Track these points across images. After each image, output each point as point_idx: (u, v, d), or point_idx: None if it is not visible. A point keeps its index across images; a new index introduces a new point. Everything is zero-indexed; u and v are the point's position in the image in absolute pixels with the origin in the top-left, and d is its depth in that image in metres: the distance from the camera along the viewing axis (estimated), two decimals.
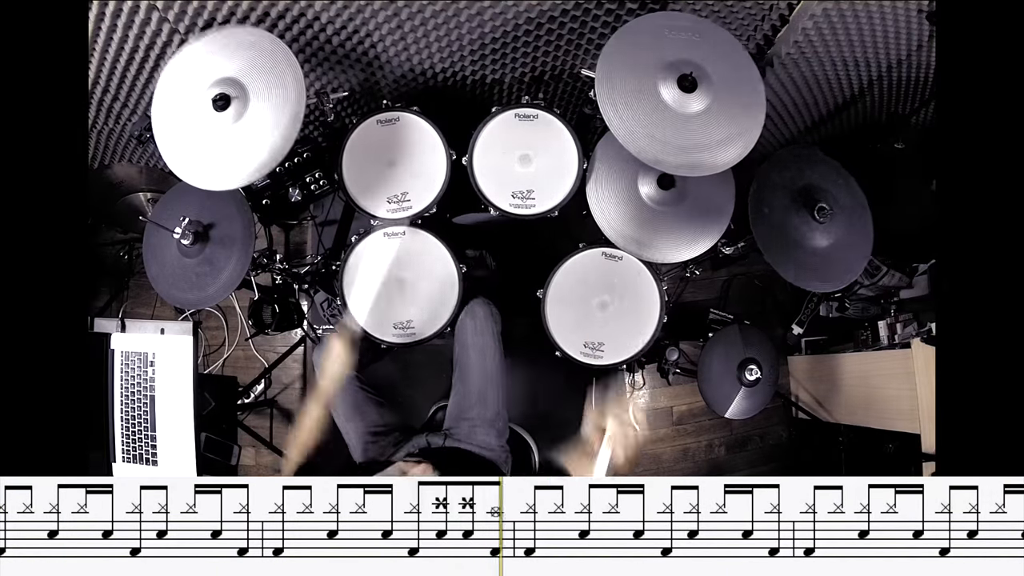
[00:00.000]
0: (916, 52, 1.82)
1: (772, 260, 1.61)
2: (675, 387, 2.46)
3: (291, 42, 1.64)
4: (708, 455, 2.51)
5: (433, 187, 1.69)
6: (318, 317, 2.30)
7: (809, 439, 2.43)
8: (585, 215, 1.72)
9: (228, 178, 1.40)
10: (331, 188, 1.84)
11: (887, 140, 2.10)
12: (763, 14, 1.71)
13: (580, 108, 1.97)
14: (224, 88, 1.39)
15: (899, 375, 1.91)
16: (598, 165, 1.70)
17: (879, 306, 2.28)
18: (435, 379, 2.21)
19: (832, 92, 2.00)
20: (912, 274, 2.20)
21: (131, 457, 1.66)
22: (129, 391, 1.66)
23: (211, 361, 2.47)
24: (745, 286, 2.56)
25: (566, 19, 1.65)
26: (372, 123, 1.73)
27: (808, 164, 1.72)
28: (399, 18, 1.60)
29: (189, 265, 1.63)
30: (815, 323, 2.41)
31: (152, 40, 1.60)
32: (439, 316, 1.69)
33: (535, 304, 1.71)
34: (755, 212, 1.63)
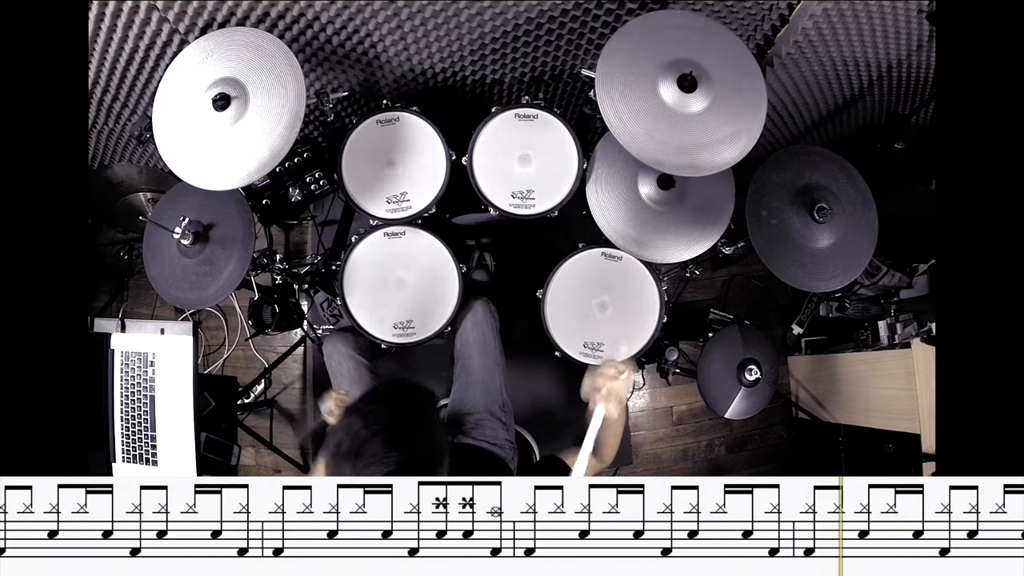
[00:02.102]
0: (916, 52, 1.82)
1: (772, 265, 1.61)
2: (675, 387, 2.46)
3: (291, 42, 1.64)
4: (708, 455, 2.51)
5: (433, 187, 1.69)
6: (318, 317, 2.30)
7: (809, 439, 2.43)
8: (585, 215, 1.72)
9: (228, 178, 1.40)
10: (331, 188, 1.84)
11: (887, 140, 2.10)
12: (763, 14, 1.71)
13: (580, 108, 1.97)
14: (224, 88, 1.39)
15: (899, 375, 1.91)
16: (598, 165, 1.70)
17: (879, 306, 2.28)
18: (435, 379, 2.21)
19: (832, 92, 2.00)
20: (912, 274, 2.20)
21: (131, 457, 1.66)
22: (129, 391, 1.66)
23: (211, 361, 2.47)
24: (745, 286, 2.56)
25: (566, 19, 1.65)
26: (372, 123, 1.73)
27: (808, 164, 1.72)
28: (399, 18, 1.60)
29: (189, 265, 1.63)
30: (815, 323, 2.41)
31: (152, 40, 1.60)
32: (439, 316, 1.69)
33: (535, 304, 1.71)
34: (753, 215, 1.63)
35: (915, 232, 2.06)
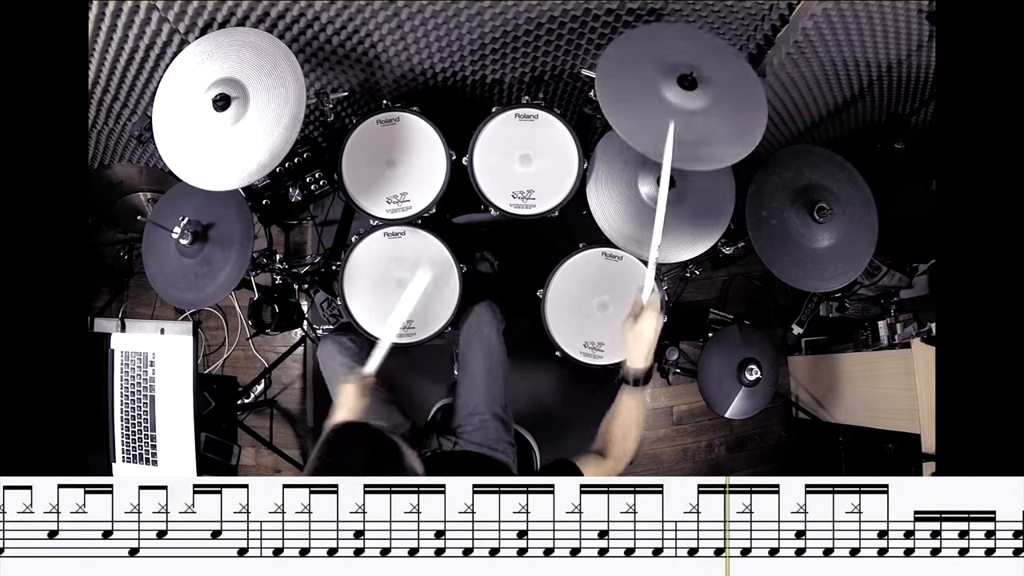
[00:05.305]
0: (916, 52, 1.82)
1: (772, 265, 1.61)
2: (675, 387, 2.46)
3: (291, 42, 1.63)
4: (708, 455, 2.51)
5: (433, 187, 1.69)
6: (318, 317, 2.30)
7: (809, 439, 2.43)
8: (585, 215, 1.72)
9: (228, 178, 1.40)
10: (331, 188, 1.84)
11: (887, 140, 2.10)
12: (763, 14, 1.71)
13: (580, 108, 1.97)
14: (224, 88, 1.39)
15: (899, 375, 1.91)
16: (598, 165, 1.70)
17: (879, 306, 2.28)
18: (435, 379, 2.21)
19: (832, 92, 2.00)
20: (912, 274, 2.20)
21: (131, 457, 1.66)
22: (129, 391, 1.66)
23: (211, 361, 2.47)
24: (745, 286, 2.56)
25: (566, 19, 1.65)
26: (372, 123, 1.73)
27: (808, 164, 1.72)
28: (399, 18, 1.60)
29: (188, 265, 1.63)
30: (815, 323, 2.41)
31: (152, 40, 1.60)
32: (439, 316, 1.69)
33: (535, 304, 1.71)
34: (753, 215, 1.64)
35: (915, 232, 2.07)
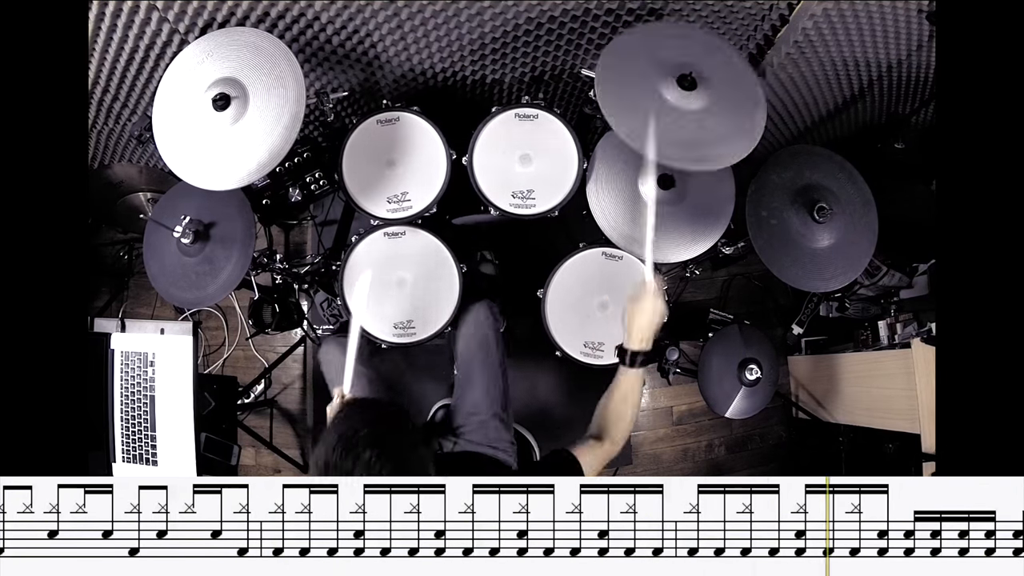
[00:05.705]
0: (916, 52, 1.82)
1: (772, 265, 1.61)
2: (675, 387, 2.46)
3: (291, 42, 1.63)
4: (708, 455, 2.51)
5: (433, 187, 1.69)
6: (318, 317, 2.30)
7: (809, 439, 2.43)
8: (585, 215, 1.72)
9: (228, 178, 1.40)
10: (331, 188, 1.84)
11: (887, 140, 2.10)
12: (763, 14, 1.71)
13: (580, 108, 1.97)
14: (224, 88, 1.39)
15: (899, 375, 1.90)
16: (598, 165, 1.70)
17: (879, 306, 2.28)
18: (435, 379, 2.21)
19: (832, 92, 2.00)
20: (912, 274, 2.19)
21: (131, 457, 1.66)
22: (129, 391, 1.66)
23: (211, 361, 2.46)
24: (745, 286, 2.56)
25: (566, 19, 1.65)
26: (372, 123, 1.73)
27: (808, 164, 1.72)
28: (399, 18, 1.60)
29: (189, 264, 1.63)
30: (815, 323, 2.41)
31: (152, 40, 1.60)
32: (439, 316, 1.69)
33: (535, 304, 1.71)
34: (753, 215, 1.63)
35: (915, 232, 2.06)
